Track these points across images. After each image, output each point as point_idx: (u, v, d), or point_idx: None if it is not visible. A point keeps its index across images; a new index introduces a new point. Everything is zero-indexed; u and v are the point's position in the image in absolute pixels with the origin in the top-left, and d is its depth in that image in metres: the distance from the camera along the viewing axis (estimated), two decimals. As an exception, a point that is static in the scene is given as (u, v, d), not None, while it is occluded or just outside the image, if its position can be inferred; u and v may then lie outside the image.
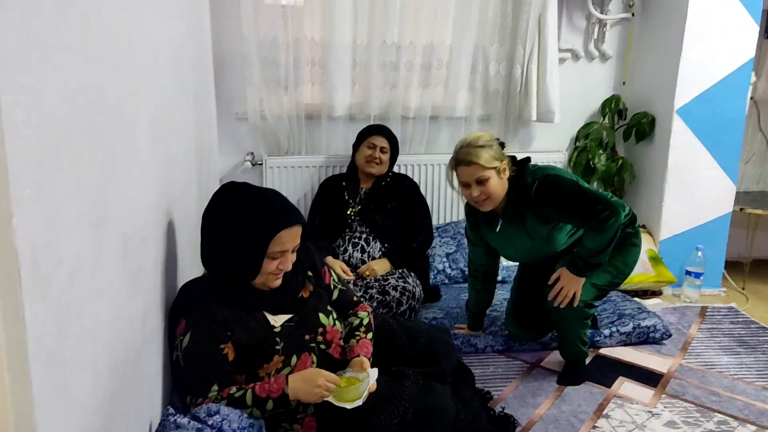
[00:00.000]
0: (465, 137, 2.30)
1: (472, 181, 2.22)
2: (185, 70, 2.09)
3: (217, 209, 1.63)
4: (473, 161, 2.19)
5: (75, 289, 0.89)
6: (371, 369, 1.67)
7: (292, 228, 1.62)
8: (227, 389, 1.54)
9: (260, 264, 1.59)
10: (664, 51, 3.26)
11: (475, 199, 2.25)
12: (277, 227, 1.58)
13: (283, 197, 1.69)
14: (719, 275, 3.49)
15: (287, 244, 1.61)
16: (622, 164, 3.44)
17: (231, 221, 1.59)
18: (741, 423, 2.19)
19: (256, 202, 1.61)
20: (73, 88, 0.90)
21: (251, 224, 1.57)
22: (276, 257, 1.61)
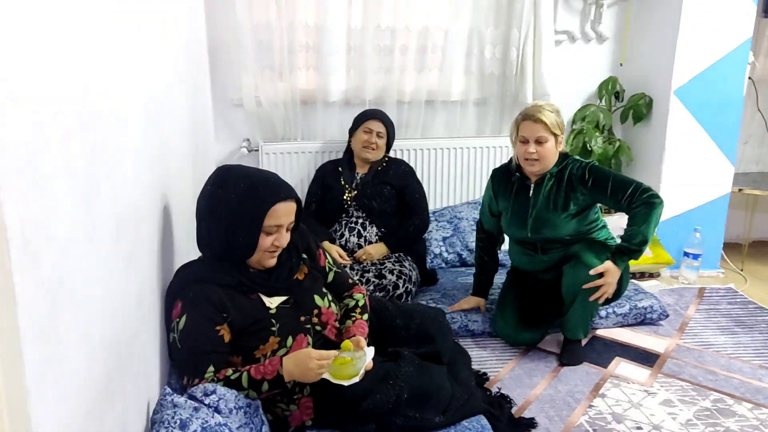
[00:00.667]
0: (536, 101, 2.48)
1: (533, 139, 2.35)
2: (178, 54, 2.09)
3: (212, 189, 1.65)
4: (540, 119, 2.33)
5: (67, 266, 0.90)
6: (368, 347, 1.69)
7: (288, 202, 1.65)
8: (223, 371, 1.56)
9: (257, 238, 1.61)
10: (661, 31, 3.25)
11: (529, 155, 2.37)
12: (273, 200, 1.61)
13: (278, 175, 1.72)
14: (717, 256, 3.49)
15: (282, 219, 1.64)
16: (619, 146, 3.44)
17: (227, 197, 1.61)
18: (737, 401, 2.20)
19: (252, 178, 1.64)
20: (62, 66, 0.91)
21: (248, 198, 1.60)
22: (272, 232, 1.63)
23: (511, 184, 2.53)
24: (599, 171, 2.40)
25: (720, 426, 2.05)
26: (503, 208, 2.56)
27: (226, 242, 1.61)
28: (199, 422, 1.36)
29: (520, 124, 2.40)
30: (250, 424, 1.52)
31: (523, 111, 2.43)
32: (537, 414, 2.10)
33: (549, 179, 2.44)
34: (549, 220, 2.44)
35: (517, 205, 2.51)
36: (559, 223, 2.44)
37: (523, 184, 2.50)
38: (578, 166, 2.42)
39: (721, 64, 3.19)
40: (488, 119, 3.43)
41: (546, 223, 2.45)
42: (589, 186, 2.39)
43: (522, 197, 2.49)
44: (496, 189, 2.58)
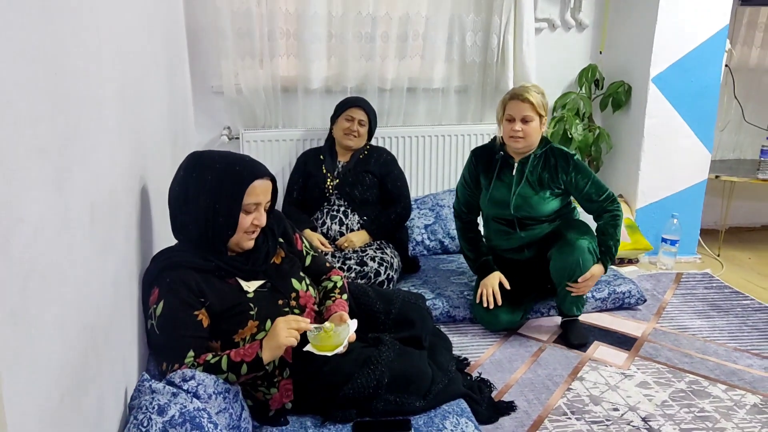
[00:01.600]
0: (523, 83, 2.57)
1: (519, 117, 2.42)
2: (155, 40, 2.07)
3: (186, 174, 1.64)
4: (528, 99, 2.41)
5: (39, 249, 0.89)
6: (351, 320, 1.70)
7: (265, 180, 1.66)
8: (203, 356, 1.56)
9: (237, 217, 1.61)
10: (640, 19, 3.27)
11: (514, 133, 2.44)
12: (251, 177, 1.62)
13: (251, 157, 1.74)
14: (695, 242, 3.54)
15: (261, 196, 1.65)
16: (599, 134, 3.47)
17: (204, 180, 1.61)
18: (711, 382, 2.24)
19: (228, 158, 1.66)
20: (32, 46, 0.89)
21: (227, 177, 1.60)
22: (251, 210, 1.64)
23: (494, 162, 2.58)
24: (582, 166, 2.51)
25: (695, 407, 2.09)
26: (484, 185, 2.61)
27: (206, 225, 1.61)
28: (177, 407, 1.35)
29: (507, 103, 2.48)
30: (230, 409, 1.52)
31: (510, 91, 2.53)
32: (516, 397, 2.12)
33: (533, 159, 2.51)
34: (531, 199, 2.51)
35: (500, 183, 2.56)
36: (542, 202, 2.51)
37: (507, 162, 2.55)
38: (563, 153, 2.51)
39: (699, 52, 3.22)
40: (470, 106, 3.44)
41: (528, 201, 2.51)
42: (570, 175, 2.48)
43: (505, 175, 2.55)
44: (478, 166, 2.62)
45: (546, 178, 2.50)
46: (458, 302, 2.69)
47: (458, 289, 2.76)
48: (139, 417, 1.32)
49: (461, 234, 2.71)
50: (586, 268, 2.42)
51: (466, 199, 2.67)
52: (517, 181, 2.53)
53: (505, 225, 2.60)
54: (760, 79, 3.85)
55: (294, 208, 2.93)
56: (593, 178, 2.51)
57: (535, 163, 2.51)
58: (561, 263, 2.43)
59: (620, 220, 2.50)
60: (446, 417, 1.75)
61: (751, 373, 2.32)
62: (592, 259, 2.43)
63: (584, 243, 2.41)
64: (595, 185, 2.50)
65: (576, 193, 2.52)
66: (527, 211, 2.53)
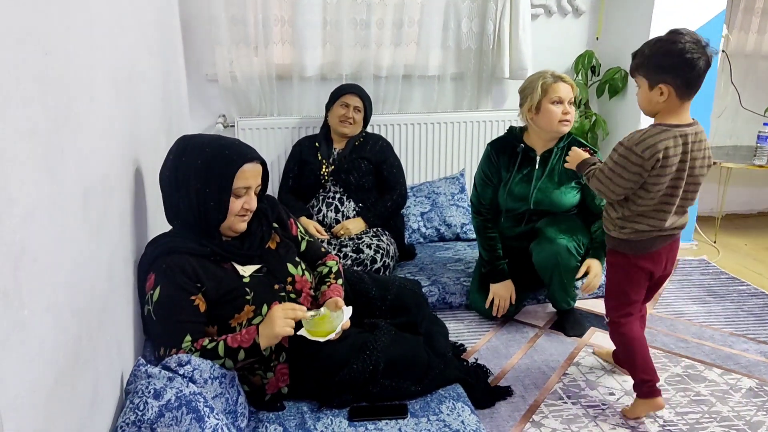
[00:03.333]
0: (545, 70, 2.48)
1: (568, 99, 2.39)
2: (148, 26, 2.05)
3: (175, 159, 1.64)
4: (569, 82, 2.40)
5: (30, 230, 0.89)
6: (346, 307, 1.70)
7: (254, 163, 1.66)
8: (200, 341, 1.55)
9: (227, 201, 1.61)
10: (637, 5, 3.25)
11: (564, 117, 2.38)
12: (240, 161, 1.62)
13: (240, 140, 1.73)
14: (691, 229, 3.55)
15: (251, 180, 1.64)
16: (595, 120, 3.46)
17: (193, 164, 1.60)
18: (707, 367, 2.25)
19: (217, 142, 1.64)
20: (20, 28, 0.88)
21: (215, 161, 1.60)
22: (241, 194, 1.64)
23: (515, 155, 2.50)
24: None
25: (691, 391, 2.10)
26: (504, 179, 2.52)
27: (197, 210, 1.61)
28: (173, 392, 1.35)
29: (551, 86, 2.37)
30: (226, 394, 1.52)
31: (546, 75, 2.41)
32: (513, 383, 2.13)
33: (556, 153, 2.45)
34: (552, 194, 2.46)
35: (521, 176, 2.49)
36: (563, 196, 2.46)
37: (528, 155, 2.49)
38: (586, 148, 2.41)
39: (695, 38, 3.20)
40: (466, 94, 3.43)
41: (549, 196, 2.46)
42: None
43: (527, 169, 2.48)
44: (499, 159, 2.52)
45: (568, 172, 2.42)
46: (454, 289, 2.69)
47: (454, 276, 2.76)
48: (135, 401, 1.31)
49: (481, 232, 2.59)
50: (566, 267, 2.37)
51: (488, 195, 2.55)
52: (538, 176, 2.46)
53: (515, 217, 2.55)
54: (757, 65, 3.85)
55: (290, 196, 2.92)
56: None
57: (558, 156, 2.45)
58: (541, 256, 2.41)
59: None
60: (442, 401, 1.76)
61: (746, 357, 2.33)
62: (572, 259, 2.38)
63: (563, 241, 2.35)
64: None
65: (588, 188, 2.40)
66: (548, 206, 2.46)
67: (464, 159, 3.44)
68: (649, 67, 1.73)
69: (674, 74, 1.68)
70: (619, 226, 1.86)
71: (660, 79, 1.71)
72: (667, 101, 1.72)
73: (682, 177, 1.77)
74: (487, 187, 2.56)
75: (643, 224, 1.83)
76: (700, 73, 1.68)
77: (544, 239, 2.40)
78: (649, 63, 1.73)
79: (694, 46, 1.67)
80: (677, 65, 1.67)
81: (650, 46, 1.74)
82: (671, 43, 1.69)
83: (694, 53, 1.66)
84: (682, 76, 1.68)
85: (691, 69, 1.67)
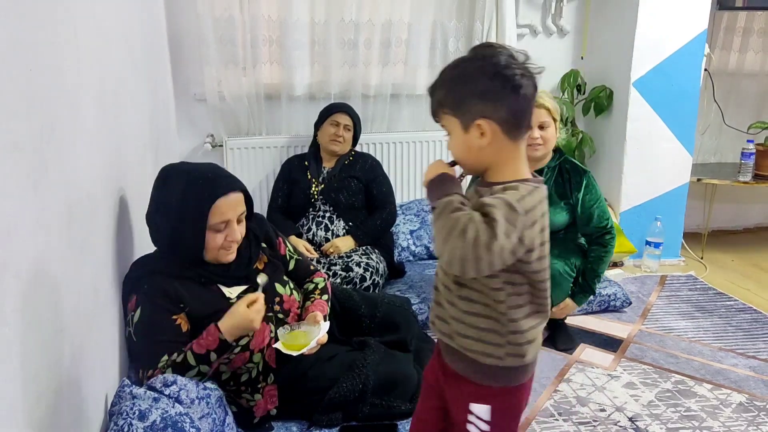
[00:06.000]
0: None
1: (536, 124, 2.34)
2: (135, 46, 2.05)
3: (155, 191, 1.62)
4: (543, 105, 2.33)
5: (12, 246, 0.87)
6: (323, 322, 1.68)
7: (229, 195, 1.59)
8: (171, 358, 1.53)
9: (203, 238, 1.56)
10: (620, 24, 3.30)
11: (533, 141, 2.35)
12: (212, 197, 1.55)
13: (220, 168, 1.67)
14: (678, 245, 3.57)
15: (228, 214, 1.58)
16: (582, 138, 3.49)
17: (169, 199, 1.57)
18: (697, 382, 2.25)
19: (190, 175, 1.58)
20: (5, 43, 0.88)
21: (187, 198, 1.55)
22: (220, 229, 1.58)
23: None
24: (594, 186, 2.44)
25: (681, 406, 2.09)
26: None
27: (175, 243, 1.58)
28: (158, 413, 1.33)
29: None
30: (213, 415, 1.50)
31: None
32: (503, 400, 2.11)
33: (547, 172, 2.44)
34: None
35: None
36: (551, 217, 2.39)
37: None
38: (577, 168, 2.43)
39: (678, 56, 3.25)
40: (453, 113, 3.44)
41: None
42: (581, 192, 2.40)
43: None
44: None
45: (558, 192, 2.42)
46: (444, 307, 2.68)
47: (444, 294, 2.75)
48: (119, 423, 1.29)
49: None
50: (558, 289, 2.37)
51: None
52: None
53: None
54: (739, 83, 3.90)
55: (279, 215, 2.91)
56: (601, 201, 2.43)
57: (548, 176, 2.43)
58: None
59: (609, 256, 2.42)
60: (433, 420, 1.74)
61: (736, 372, 2.33)
62: (564, 281, 2.39)
63: (557, 266, 2.35)
64: (600, 209, 2.41)
65: (579, 212, 2.42)
66: None
67: (452, 177, 3.44)
68: (456, 100, 1.15)
69: (494, 101, 1.12)
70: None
71: (475, 112, 1.13)
72: (492, 144, 1.14)
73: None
74: None
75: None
76: (529, 97, 1.14)
77: None
78: (456, 93, 1.15)
79: (512, 60, 1.14)
80: (496, 89, 1.12)
81: (452, 69, 1.18)
82: (481, 60, 1.15)
83: (515, 70, 1.12)
84: (506, 104, 1.12)
85: (514, 91, 1.12)
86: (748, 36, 3.83)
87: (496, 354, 1.17)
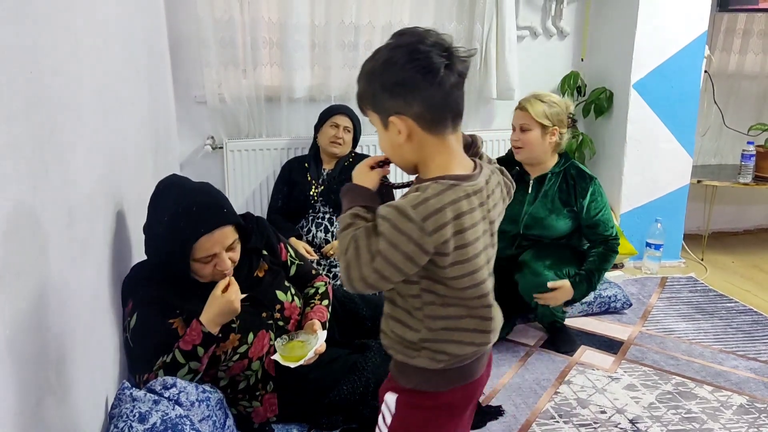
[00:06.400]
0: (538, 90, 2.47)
1: (517, 126, 2.38)
2: (135, 47, 2.05)
3: (150, 206, 1.59)
4: (525, 108, 2.35)
5: (12, 247, 0.87)
6: (321, 331, 1.67)
7: (214, 233, 1.52)
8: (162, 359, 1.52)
9: (189, 269, 1.55)
10: (620, 26, 3.30)
11: (514, 143, 2.41)
12: (194, 235, 1.50)
13: (211, 196, 1.58)
14: (678, 247, 3.56)
15: (214, 248, 1.53)
16: (582, 140, 3.49)
17: (158, 223, 1.54)
18: (698, 384, 2.25)
19: (177, 207, 1.52)
20: (6, 47, 0.88)
21: (173, 232, 1.51)
22: (207, 261, 1.55)
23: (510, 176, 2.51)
24: (600, 192, 2.44)
25: (682, 408, 2.09)
26: None
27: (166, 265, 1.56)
28: (158, 415, 1.33)
29: (514, 112, 2.43)
30: (213, 417, 1.50)
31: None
32: (504, 402, 2.11)
33: (550, 178, 2.42)
34: (545, 220, 2.42)
35: (513, 200, 2.46)
36: (555, 223, 2.42)
37: (523, 178, 2.46)
38: (583, 174, 2.43)
39: (678, 58, 3.25)
40: (453, 114, 3.44)
41: (541, 222, 2.42)
42: (586, 200, 2.40)
43: (520, 192, 2.43)
44: None
45: (562, 198, 2.41)
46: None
47: (444, 296, 2.75)
48: (119, 425, 1.29)
49: None
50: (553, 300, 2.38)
51: None
52: (530, 200, 2.44)
53: (508, 240, 2.52)
54: (740, 85, 3.90)
55: (279, 217, 2.91)
56: (607, 210, 2.43)
57: (552, 182, 2.42)
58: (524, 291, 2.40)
59: (613, 257, 2.41)
60: (433, 422, 1.74)
61: (736, 374, 2.32)
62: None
63: (549, 274, 2.35)
64: (605, 216, 2.41)
65: (584, 219, 2.41)
66: (538, 231, 2.44)
67: (453, 179, 3.44)
68: (372, 95, 1.06)
69: (405, 96, 1.02)
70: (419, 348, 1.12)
71: (389, 108, 1.04)
72: (412, 141, 1.05)
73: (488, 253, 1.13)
74: None
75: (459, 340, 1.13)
76: (447, 87, 1.02)
77: (528, 271, 2.37)
78: (371, 87, 1.06)
79: (428, 47, 1.01)
80: (406, 81, 1.01)
81: (369, 60, 1.07)
82: (393, 50, 1.03)
83: (431, 57, 1.00)
84: (419, 97, 1.02)
85: (428, 81, 1.01)
86: (748, 38, 3.83)
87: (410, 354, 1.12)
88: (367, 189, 1.12)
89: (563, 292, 2.35)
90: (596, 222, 2.40)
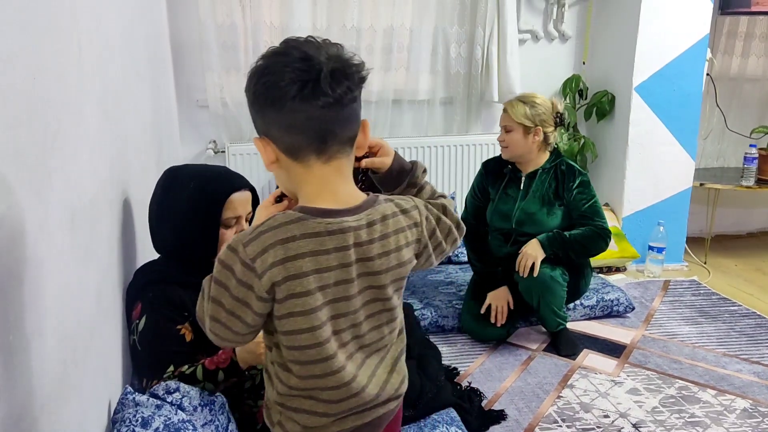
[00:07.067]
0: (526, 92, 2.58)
1: (502, 127, 2.51)
2: (137, 51, 2.06)
3: (162, 192, 1.61)
4: (507, 110, 2.46)
5: (16, 253, 0.87)
6: None
7: (243, 192, 1.61)
8: (180, 369, 1.52)
9: (216, 233, 1.57)
10: (622, 29, 3.31)
11: (499, 142, 2.53)
12: (228, 191, 1.58)
13: (228, 168, 1.71)
14: (681, 250, 3.56)
15: (239, 209, 1.60)
16: (584, 143, 3.49)
17: (179, 198, 1.57)
18: (701, 388, 2.24)
19: (203, 174, 1.61)
20: (7, 51, 0.88)
21: (202, 194, 1.56)
22: (231, 224, 1.60)
23: (502, 175, 2.60)
24: (587, 184, 2.49)
25: (685, 412, 2.08)
26: (492, 197, 2.62)
27: (183, 243, 1.58)
28: (161, 420, 1.33)
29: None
30: (216, 422, 1.49)
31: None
32: (507, 406, 2.11)
33: (541, 174, 2.51)
34: (535, 215, 2.49)
35: (506, 196, 2.57)
36: (544, 219, 2.49)
37: (515, 176, 2.56)
38: (571, 168, 2.50)
39: (680, 61, 3.26)
40: (455, 118, 3.46)
41: (531, 218, 2.50)
42: (573, 191, 2.46)
43: (512, 189, 2.56)
44: (487, 178, 2.64)
45: (552, 193, 2.49)
46: (447, 312, 2.68)
47: (447, 299, 2.75)
48: (122, 430, 1.29)
49: (467, 243, 2.68)
50: (552, 295, 2.40)
51: (475, 208, 2.68)
52: (522, 196, 2.52)
53: (503, 237, 2.60)
54: (742, 87, 3.90)
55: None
56: (596, 201, 2.48)
57: (542, 178, 2.51)
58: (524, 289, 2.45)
59: (599, 241, 2.42)
60: (436, 426, 1.74)
61: (740, 378, 2.32)
62: (557, 286, 2.41)
63: (547, 270, 2.39)
64: (594, 208, 2.46)
65: (573, 211, 2.47)
66: (530, 227, 2.49)
67: (455, 182, 3.45)
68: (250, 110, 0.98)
69: (262, 117, 0.94)
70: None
71: (257, 126, 0.97)
72: (281, 166, 0.97)
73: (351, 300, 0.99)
74: (473, 200, 2.69)
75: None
76: (314, 109, 0.89)
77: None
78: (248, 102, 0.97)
79: (290, 65, 0.89)
80: (257, 101, 0.93)
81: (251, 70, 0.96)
82: (256, 64, 0.94)
83: (281, 80, 0.88)
84: (269, 121, 0.93)
85: (276, 108, 0.90)
86: (750, 40, 3.84)
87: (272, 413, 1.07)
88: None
89: (532, 247, 2.40)
90: (585, 213, 2.45)
